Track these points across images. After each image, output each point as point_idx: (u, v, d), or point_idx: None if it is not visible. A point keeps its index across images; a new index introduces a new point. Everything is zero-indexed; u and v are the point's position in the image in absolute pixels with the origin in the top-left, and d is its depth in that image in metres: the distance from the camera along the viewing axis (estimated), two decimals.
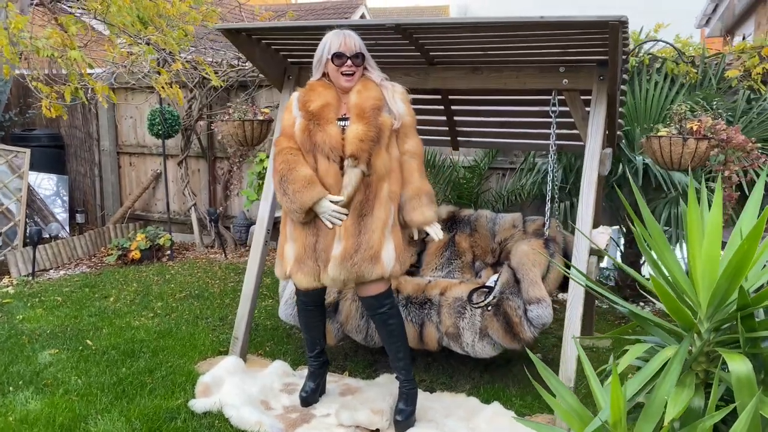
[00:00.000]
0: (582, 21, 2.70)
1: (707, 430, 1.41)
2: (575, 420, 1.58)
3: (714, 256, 1.54)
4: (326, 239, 2.66)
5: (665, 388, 1.52)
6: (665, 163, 3.05)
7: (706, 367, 1.63)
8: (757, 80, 4.36)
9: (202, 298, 4.62)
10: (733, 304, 1.55)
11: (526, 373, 3.39)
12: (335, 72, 2.68)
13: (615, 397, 1.46)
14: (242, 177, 6.39)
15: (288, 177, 2.63)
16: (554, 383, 1.64)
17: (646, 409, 1.55)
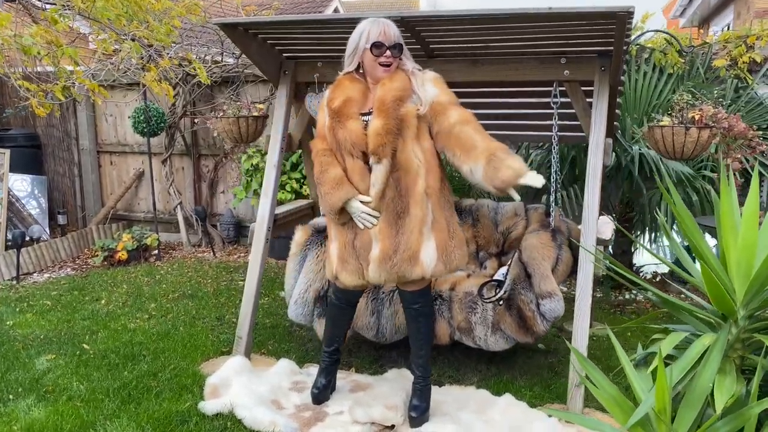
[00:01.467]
0: (589, 12, 2.71)
1: (753, 417, 1.43)
2: (617, 409, 1.59)
3: (751, 243, 1.56)
4: (363, 237, 2.62)
5: (707, 376, 1.53)
6: (667, 152, 3.09)
7: (741, 354, 1.64)
8: (744, 69, 4.44)
9: (197, 298, 4.55)
10: None
11: (533, 364, 3.44)
12: (372, 62, 2.56)
13: (661, 385, 1.47)
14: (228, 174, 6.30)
15: (321, 179, 2.63)
16: (595, 375, 1.65)
17: (688, 396, 1.56)
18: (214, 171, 6.33)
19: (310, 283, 3.30)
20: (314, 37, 3.45)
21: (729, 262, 1.62)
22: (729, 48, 4.53)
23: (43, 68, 5.04)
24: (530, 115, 3.72)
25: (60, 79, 3.97)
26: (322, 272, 3.32)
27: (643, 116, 4.49)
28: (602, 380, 1.65)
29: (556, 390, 3.11)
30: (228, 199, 6.37)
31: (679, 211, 1.73)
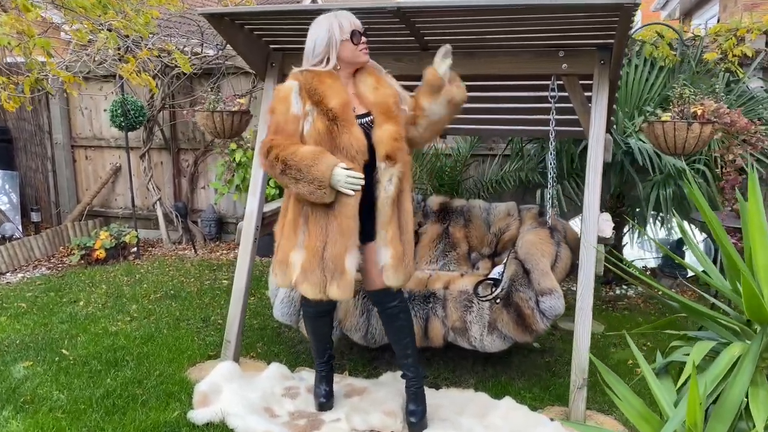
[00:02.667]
0: (594, 4, 2.62)
1: None
2: (645, 424, 1.51)
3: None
4: (335, 247, 2.44)
5: (739, 388, 1.46)
6: (668, 147, 3.03)
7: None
8: (735, 62, 4.41)
9: (180, 299, 4.40)
10: None
11: (530, 364, 3.37)
12: (353, 51, 2.50)
13: (693, 398, 1.39)
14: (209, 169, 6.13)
15: (292, 160, 2.39)
16: (619, 387, 1.57)
17: (718, 409, 1.49)
18: (194, 166, 6.15)
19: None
20: (303, 28, 3.31)
21: (757, 267, 1.55)
22: (720, 41, 4.49)
23: (13, 59, 4.81)
24: (527, 109, 3.63)
25: (32, 72, 3.77)
26: None
27: (634, 110, 4.44)
28: (627, 393, 1.58)
29: (555, 391, 3.05)
30: (209, 194, 6.20)
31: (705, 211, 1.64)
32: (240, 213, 6.14)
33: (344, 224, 2.44)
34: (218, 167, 5.74)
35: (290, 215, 2.55)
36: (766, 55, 4.43)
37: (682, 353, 1.73)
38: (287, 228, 2.56)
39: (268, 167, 2.49)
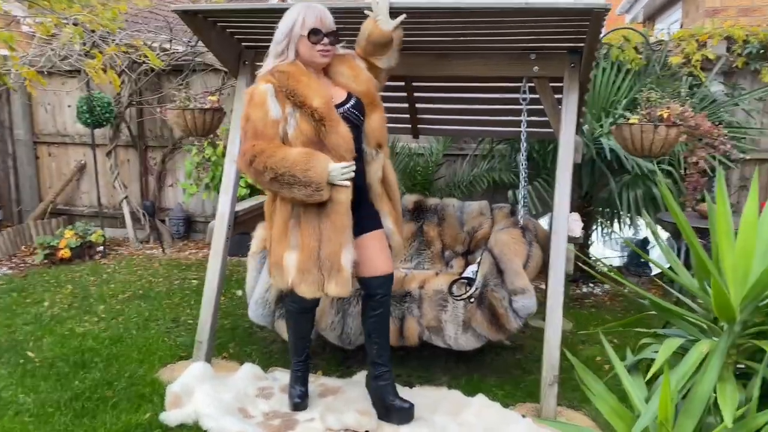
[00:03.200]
0: (566, 8, 2.68)
1: (760, 426, 1.41)
2: (619, 421, 1.56)
3: (749, 249, 1.54)
4: (330, 245, 2.44)
5: (707, 384, 1.51)
6: (636, 149, 3.10)
7: (735, 360, 1.64)
8: (697, 67, 4.54)
9: (149, 299, 4.34)
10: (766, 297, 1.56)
11: (501, 362, 3.42)
12: (310, 49, 2.46)
13: (665, 394, 1.44)
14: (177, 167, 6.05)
15: (283, 166, 2.34)
16: (594, 385, 1.61)
17: (687, 404, 1.54)
18: (162, 164, 6.06)
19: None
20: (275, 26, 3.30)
21: (724, 267, 1.60)
22: (683, 46, 4.61)
23: None
24: (499, 110, 3.68)
25: None
26: None
27: (601, 112, 4.53)
28: (601, 389, 1.62)
29: (527, 388, 3.10)
30: (177, 192, 6.12)
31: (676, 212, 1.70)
32: (209, 212, 6.08)
33: (338, 221, 2.43)
34: (187, 165, 5.67)
35: (279, 219, 2.51)
36: (726, 60, 4.57)
37: (652, 350, 1.78)
38: (276, 231, 2.52)
39: (255, 175, 2.41)
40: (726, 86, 4.60)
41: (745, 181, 4.69)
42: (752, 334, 1.62)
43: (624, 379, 1.65)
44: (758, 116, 4.64)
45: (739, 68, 4.58)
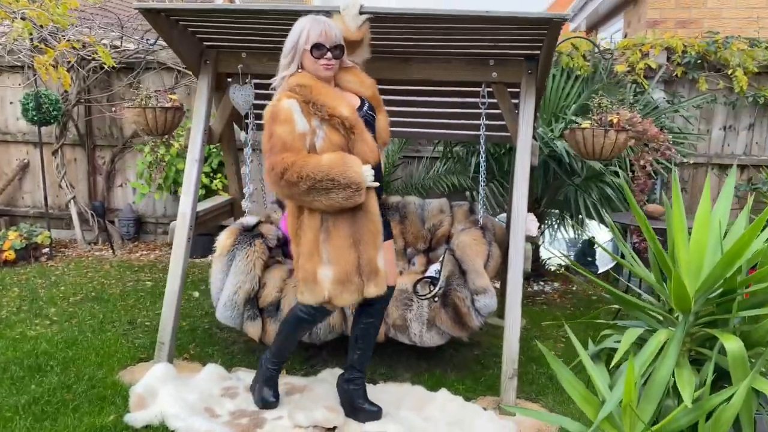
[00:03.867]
0: (523, 17, 2.80)
1: (714, 406, 1.54)
2: (587, 405, 1.66)
3: (702, 245, 1.68)
4: (369, 250, 2.47)
5: (665, 370, 1.64)
6: (587, 153, 3.26)
7: (689, 347, 1.77)
8: (640, 75, 4.78)
9: (102, 301, 4.24)
10: (718, 289, 1.70)
11: (461, 358, 3.52)
12: (313, 63, 2.45)
13: (629, 380, 1.55)
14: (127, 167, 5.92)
15: (320, 171, 2.33)
16: (565, 374, 1.71)
17: (648, 389, 1.66)
18: (112, 163, 5.92)
19: (239, 284, 3.17)
20: (237, 27, 3.31)
21: (680, 262, 1.74)
22: (627, 55, 4.85)
23: None
24: (459, 114, 3.78)
25: None
26: (253, 273, 3.20)
27: (552, 117, 4.71)
28: (571, 378, 1.72)
29: (486, 382, 3.21)
30: (126, 193, 5.99)
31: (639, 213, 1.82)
32: (160, 212, 5.98)
33: (372, 226, 2.47)
34: (139, 165, 5.57)
35: (308, 234, 2.47)
36: (667, 69, 4.83)
37: (613, 341, 1.90)
38: (306, 247, 2.48)
39: (287, 187, 2.36)
40: (666, 94, 4.86)
41: (685, 184, 4.96)
42: (704, 324, 1.76)
43: (589, 367, 1.76)
44: (695, 122, 4.92)
45: (679, 77, 4.85)
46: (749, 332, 1.66)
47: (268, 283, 3.24)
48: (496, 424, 2.71)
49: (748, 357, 1.58)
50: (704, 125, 4.97)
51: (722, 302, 1.73)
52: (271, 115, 2.38)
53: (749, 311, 1.68)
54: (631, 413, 1.57)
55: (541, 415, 1.86)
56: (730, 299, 1.69)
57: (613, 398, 1.61)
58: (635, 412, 1.50)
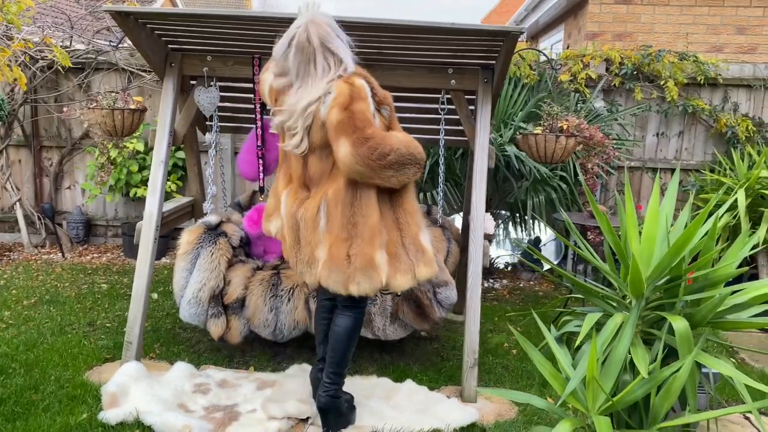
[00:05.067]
0: (482, 29, 3.00)
1: (665, 377, 1.75)
2: (555, 382, 1.85)
3: (653, 237, 1.90)
4: (411, 229, 2.53)
5: (622, 348, 1.84)
6: (540, 157, 3.49)
7: (642, 329, 1.99)
8: (582, 84, 5.10)
9: (58, 304, 4.19)
10: (666, 276, 1.92)
11: (422, 351, 3.69)
12: None
13: (592, 357, 1.74)
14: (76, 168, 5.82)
15: (404, 145, 2.42)
16: (535, 355, 1.89)
17: (606, 366, 1.86)
18: (59, 165, 5.80)
19: (204, 281, 3.23)
20: (204, 30, 3.38)
21: (633, 253, 1.95)
22: (570, 65, 5.16)
23: None
24: (420, 119, 3.96)
25: None
26: (218, 270, 3.27)
27: (501, 123, 4.96)
28: (540, 358, 1.91)
29: (447, 373, 3.38)
30: (75, 195, 5.89)
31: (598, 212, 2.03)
32: (110, 215, 5.90)
33: (409, 206, 2.55)
34: (89, 167, 5.49)
35: (370, 218, 2.45)
36: (606, 79, 5.17)
37: (573, 325, 2.10)
38: (368, 232, 2.44)
39: (378, 158, 2.35)
40: (606, 102, 5.19)
41: (622, 186, 5.31)
42: (654, 307, 1.98)
43: (554, 348, 1.95)
44: (632, 129, 5.28)
45: (617, 87, 5.19)
46: (692, 314, 1.89)
47: (233, 280, 3.31)
48: (459, 410, 2.89)
49: (692, 335, 1.81)
50: (639, 132, 5.33)
51: (669, 288, 1.95)
52: (351, 94, 2.38)
53: (692, 295, 1.90)
54: (593, 387, 1.77)
55: (514, 394, 2.04)
56: (676, 285, 1.91)
57: (578, 374, 1.80)
58: (599, 384, 1.69)
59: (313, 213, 2.49)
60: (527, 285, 5.21)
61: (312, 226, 2.49)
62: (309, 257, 2.54)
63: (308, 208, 2.52)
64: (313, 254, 2.52)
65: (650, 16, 6.49)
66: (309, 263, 2.55)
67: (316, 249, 2.50)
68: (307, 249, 2.54)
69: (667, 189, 2.06)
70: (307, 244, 2.53)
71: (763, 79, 5.17)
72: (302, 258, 2.57)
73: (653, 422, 1.84)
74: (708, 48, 6.47)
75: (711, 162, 5.27)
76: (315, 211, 2.48)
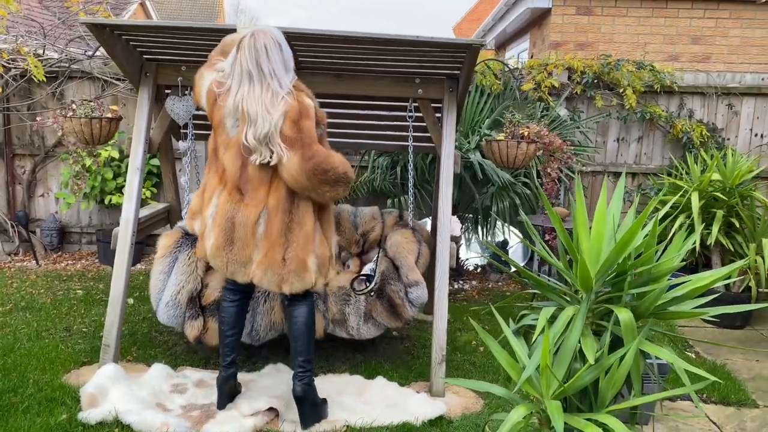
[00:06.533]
0: (446, 42, 3.16)
1: (611, 363, 1.92)
2: (512, 370, 2.00)
3: (601, 235, 2.07)
4: (333, 241, 2.93)
5: (573, 338, 2.00)
6: (503, 162, 3.66)
7: (592, 320, 2.15)
8: (546, 93, 5.30)
9: (34, 310, 4.24)
10: (613, 272, 2.09)
11: (392, 350, 3.83)
12: None
13: (545, 347, 1.90)
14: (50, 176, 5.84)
15: (341, 165, 2.68)
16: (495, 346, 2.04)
17: (559, 355, 2.02)
18: (33, 173, 5.82)
19: (182, 284, 3.33)
20: (176, 42, 3.48)
21: (583, 250, 2.12)
22: (534, 74, 5.36)
23: None
24: (388, 126, 4.10)
25: None
26: (195, 273, 3.38)
27: (468, 130, 5.13)
28: (498, 348, 2.06)
29: (417, 370, 3.52)
30: (48, 202, 5.91)
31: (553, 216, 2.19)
32: (84, 222, 5.94)
33: (331, 219, 2.88)
34: (63, 174, 5.53)
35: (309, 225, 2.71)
36: (569, 87, 5.38)
37: (530, 319, 2.26)
38: (305, 237, 2.69)
39: (321, 175, 2.60)
40: (568, 110, 5.40)
41: (585, 190, 5.52)
42: (602, 301, 2.15)
43: (512, 340, 2.11)
44: (593, 135, 5.50)
45: (579, 95, 5.41)
46: (637, 306, 2.06)
47: (211, 283, 3.42)
48: (428, 404, 3.03)
49: (636, 325, 1.98)
50: (601, 138, 5.56)
51: (616, 282, 2.12)
52: (300, 111, 2.60)
53: (636, 289, 2.07)
54: (547, 375, 1.92)
55: (474, 383, 2.18)
56: (622, 280, 2.08)
57: (533, 362, 1.96)
58: (552, 372, 1.85)
59: (253, 220, 2.66)
60: (496, 286, 5.38)
61: (251, 232, 2.66)
62: (245, 258, 2.70)
63: (247, 215, 2.67)
64: (249, 256, 2.69)
65: (610, 27, 6.76)
66: (243, 263, 2.71)
67: (252, 251, 2.68)
68: (244, 251, 2.69)
69: (615, 191, 2.23)
70: (243, 246, 2.68)
71: (716, 87, 5.43)
72: (235, 258, 2.71)
73: (601, 406, 2.00)
74: (665, 57, 6.76)
75: (668, 166, 5.51)
76: (255, 218, 2.66)
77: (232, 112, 2.63)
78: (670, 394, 1.91)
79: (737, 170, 4.59)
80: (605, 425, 1.85)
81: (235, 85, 2.62)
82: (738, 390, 3.41)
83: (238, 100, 2.59)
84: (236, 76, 2.62)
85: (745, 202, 4.65)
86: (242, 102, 2.58)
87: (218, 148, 2.76)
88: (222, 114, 2.67)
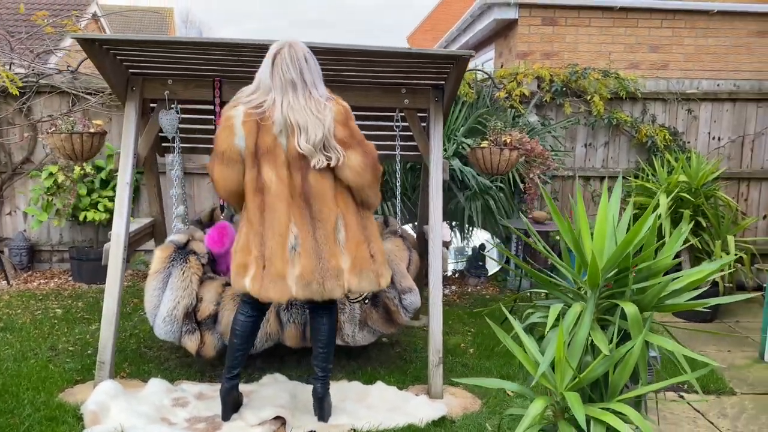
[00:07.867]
0: (434, 53, 3.27)
1: (622, 355, 2.03)
2: (528, 363, 2.10)
3: (604, 234, 2.18)
4: None
5: (582, 333, 2.11)
6: (486, 169, 3.78)
7: (597, 315, 2.27)
8: (516, 101, 5.47)
9: (14, 330, 4.13)
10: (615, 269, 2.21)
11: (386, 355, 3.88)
12: None
13: (559, 342, 2.00)
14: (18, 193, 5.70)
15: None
16: (510, 342, 2.13)
17: (570, 350, 2.13)
18: (1, 189, 5.67)
19: (178, 299, 3.32)
20: (162, 55, 3.49)
21: (585, 249, 2.24)
22: (504, 83, 5.53)
23: None
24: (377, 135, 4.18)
25: None
26: (190, 288, 3.37)
27: (444, 138, 5.25)
28: (514, 345, 2.15)
29: (412, 374, 3.59)
30: (16, 220, 5.76)
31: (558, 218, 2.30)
32: (55, 240, 5.81)
33: None
34: (34, 191, 5.41)
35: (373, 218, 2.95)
36: (539, 95, 5.57)
37: (537, 316, 2.37)
38: (376, 230, 2.95)
39: (376, 170, 2.82)
40: (539, 117, 5.59)
41: (556, 194, 5.71)
42: (606, 296, 2.27)
43: (523, 337, 2.20)
44: (563, 141, 5.70)
45: (548, 102, 5.60)
46: (640, 299, 2.18)
47: (205, 297, 3.42)
48: (429, 406, 3.10)
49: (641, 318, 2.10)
50: (570, 143, 5.76)
51: (619, 278, 2.24)
52: (345, 114, 2.72)
53: (638, 284, 2.20)
54: (562, 367, 2.02)
55: (488, 381, 2.27)
56: (625, 276, 2.20)
57: (548, 356, 2.05)
58: (569, 363, 1.95)
59: (331, 228, 2.70)
60: (474, 290, 5.50)
61: (332, 239, 2.71)
62: (335, 269, 2.70)
63: (324, 225, 2.69)
64: (338, 266, 2.71)
65: (574, 36, 7.01)
66: (335, 275, 2.70)
67: (340, 260, 2.72)
68: (330, 262, 2.70)
69: (612, 194, 2.36)
70: (330, 257, 2.70)
71: (676, 93, 5.70)
72: (328, 273, 2.69)
73: (612, 396, 2.11)
74: (627, 65, 7.05)
75: (635, 169, 5.75)
76: (333, 225, 2.71)
77: (281, 123, 2.62)
78: (676, 380, 2.04)
79: (702, 171, 4.83)
80: (620, 413, 1.96)
81: (279, 95, 2.64)
82: (716, 379, 3.60)
83: (286, 112, 2.61)
84: (278, 87, 2.64)
85: (709, 201, 4.90)
86: (289, 112, 2.61)
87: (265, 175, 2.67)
88: (272, 133, 2.63)
